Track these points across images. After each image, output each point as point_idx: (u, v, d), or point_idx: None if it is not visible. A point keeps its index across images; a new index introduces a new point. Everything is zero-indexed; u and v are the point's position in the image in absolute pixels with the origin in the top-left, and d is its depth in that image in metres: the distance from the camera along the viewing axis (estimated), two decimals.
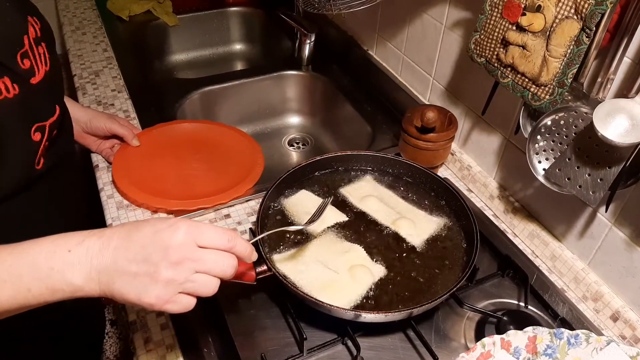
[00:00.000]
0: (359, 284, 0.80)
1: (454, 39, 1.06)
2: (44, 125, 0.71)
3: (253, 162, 1.09)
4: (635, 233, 0.80)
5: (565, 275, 0.92)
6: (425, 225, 0.92)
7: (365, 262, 0.84)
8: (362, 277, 0.81)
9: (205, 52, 1.73)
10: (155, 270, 0.55)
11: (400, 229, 0.90)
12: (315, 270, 0.81)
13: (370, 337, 0.81)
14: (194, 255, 0.57)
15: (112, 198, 1.01)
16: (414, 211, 0.95)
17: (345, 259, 0.84)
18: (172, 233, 0.56)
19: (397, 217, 0.93)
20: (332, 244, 0.86)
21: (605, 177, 0.75)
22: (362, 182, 1.00)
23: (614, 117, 0.69)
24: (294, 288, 0.75)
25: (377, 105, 1.31)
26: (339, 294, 0.78)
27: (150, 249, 0.56)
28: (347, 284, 0.80)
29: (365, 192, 0.97)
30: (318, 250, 0.85)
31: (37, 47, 0.72)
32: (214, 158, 1.11)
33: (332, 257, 0.84)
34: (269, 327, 0.82)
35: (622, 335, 0.84)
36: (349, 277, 0.81)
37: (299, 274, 0.80)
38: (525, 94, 0.83)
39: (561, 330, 0.67)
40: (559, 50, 0.76)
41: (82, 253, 0.56)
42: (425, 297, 0.79)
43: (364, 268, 0.82)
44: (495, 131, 1.02)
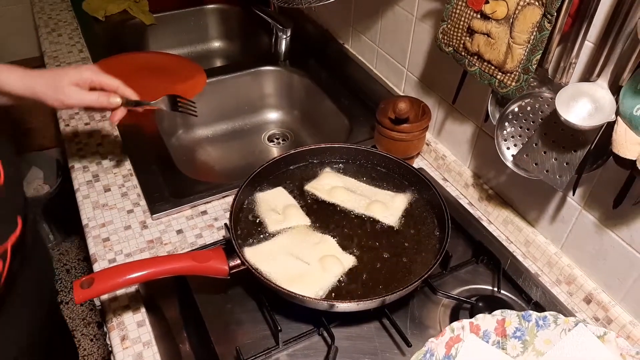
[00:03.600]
0: (329, 274, 0.81)
1: (425, 29, 1.06)
2: (5, 249, 0.67)
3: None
4: (604, 216, 0.81)
5: (539, 260, 0.93)
6: (397, 204, 0.93)
7: (336, 252, 0.84)
8: (331, 267, 0.81)
9: (183, 50, 1.73)
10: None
11: (375, 213, 0.92)
12: (287, 263, 0.81)
13: (346, 327, 0.82)
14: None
15: (88, 198, 1.01)
16: (383, 193, 0.96)
17: (316, 250, 0.84)
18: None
19: (368, 202, 0.93)
20: (304, 236, 0.87)
21: (571, 160, 0.76)
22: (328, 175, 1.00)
23: (576, 100, 0.70)
24: (267, 280, 0.75)
25: (354, 98, 1.31)
26: (309, 285, 0.78)
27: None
28: (317, 274, 0.80)
29: (332, 184, 0.97)
30: (290, 243, 0.85)
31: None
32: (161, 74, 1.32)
33: (303, 249, 0.84)
34: (245, 321, 0.82)
35: (595, 317, 0.85)
36: (320, 268, 0.81)
37: (270, 266, 0.80)
38: (492, 82, 0.84)
39: (529, 313, 0.67)
40: (522, 36, 0.76)
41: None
42: (398, 285, 0.80)
43: (334, 258, 0.82)
44: (467, 120, 1.02)
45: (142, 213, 0.99)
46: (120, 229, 0.96)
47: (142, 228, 0.96)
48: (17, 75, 0.85)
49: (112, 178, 1.06)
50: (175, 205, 0.99)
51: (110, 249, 0.92)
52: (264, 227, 0.88)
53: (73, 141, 1.15)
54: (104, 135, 1.16)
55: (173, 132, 1.35)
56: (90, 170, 1.07)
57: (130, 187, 1.04)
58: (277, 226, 0.87)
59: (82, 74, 0.88)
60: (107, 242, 0.94)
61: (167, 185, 1.03)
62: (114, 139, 1.16)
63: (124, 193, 1.03)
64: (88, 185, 1.04)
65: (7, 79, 0.84)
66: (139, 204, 1.01)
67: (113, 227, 0.96)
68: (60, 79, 0.86)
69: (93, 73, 0.89)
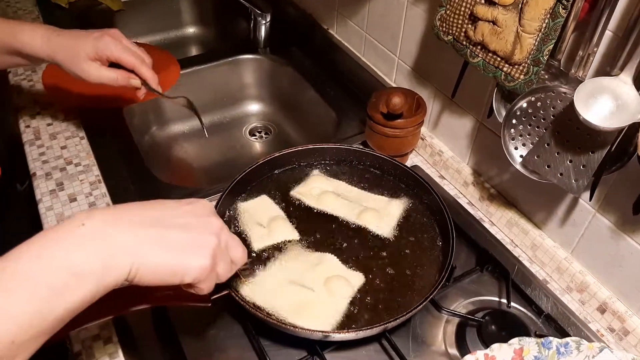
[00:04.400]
0: (338, 298, 0.73)
1: (418, 14, 0.97)
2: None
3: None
4: (621, 220, 0.74)
5: (547, 265, 0.86)
6: (391, 212, 0.86)
7: (340, 272, 0.76)
8: (339, 289, 0.73)
9: (155, 37, 1.61)
10: (202, 233, 0.52)
11: (367, 223, 0.84)
12: (288, 293, 0.73)
13: (343, 352, 0.74)
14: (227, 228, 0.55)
15: (52, 210, 0.91)
16: (376, 199, 0.88)
17: (318, 272, 0.76)
18: (202, 206, 0.55)
19: (360, 209, 0.85)
20: (300, 258, 0.78)
21: (589, 163, 0.69)
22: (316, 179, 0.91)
23: (596, 97, 0.62)
24: (255, 310, 0.67)
25: (341, 89, 1.22)
26: (319, 315, 0.70)
27: (188, 216, 0.52)
28: (324, 301, 0.72)
29: (321, 189, 0.89)
30: (287, 268, 0.76)
31: None
32: None
33: (303, 273, 0.76)
34: (230, 348, 0.74)
35: (610, 327, 0.79)
36: (326, 293, 0.73)
37: (271, 301, 0.71)
38: (497, 74, 0.75)
39: (549, 340, 0.60)
40: (533, 24, 0.68)
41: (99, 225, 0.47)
42: (400, 303, 0.73)
43: (340, 279, 0.74)
44: (466, 114, 0.94)
45: None
46: None
47: None
48: (40, 36, 0.80)
49: (79, 186, 0.96)
50: None
51: None
52: (248, 244, 0.79)
53: (34, 144, 1.04)
54: (67, 137, 1.06)
55: (146, 129, 1.25)
56: (54, 178, 0.97)
57: (98, 195, 0.94)
58: (263, 243, 0.79)
59: (101, 46, 0.81)
60: None
61: (139, 192, 0.94)
62: (80, 141, 1.05)
63: (92, 203, 0.93)
64: (52, 195, 0.94)
65: (30, 40, 0.80)
66: None
67: None
68: (79, 50, 0.80)
69: (114, 44, 0.82)
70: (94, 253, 0.46)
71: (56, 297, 0.44)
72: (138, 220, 0.49)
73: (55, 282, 0.43)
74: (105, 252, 0.46)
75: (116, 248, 0.47)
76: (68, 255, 0.45)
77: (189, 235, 0.51)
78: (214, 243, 0.52)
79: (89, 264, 0.45)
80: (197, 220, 0.52)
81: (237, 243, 0.57)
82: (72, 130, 1.07)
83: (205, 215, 0.54)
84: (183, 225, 0.51)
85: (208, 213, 0.54)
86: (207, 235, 0.52)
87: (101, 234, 0.47)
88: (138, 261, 0.48)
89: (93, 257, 0.45)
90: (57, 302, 0.44)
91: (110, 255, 0.46)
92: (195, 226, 0.52)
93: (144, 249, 0.48)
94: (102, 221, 0.48)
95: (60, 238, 0.46)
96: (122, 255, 0.47)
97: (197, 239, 0.51)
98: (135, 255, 0.47)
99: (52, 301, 0.43)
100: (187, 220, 0.52)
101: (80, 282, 0.45)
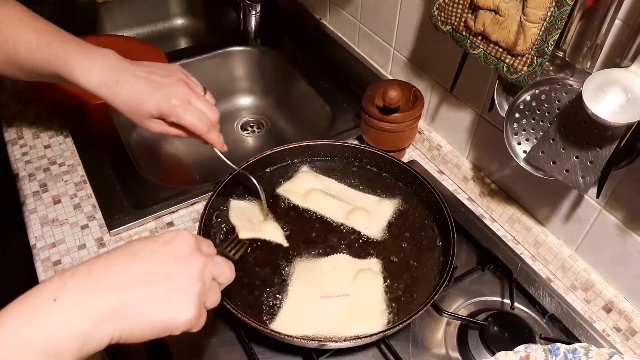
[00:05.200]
0: (374, 291, 0.72)
1: (414, 3, 0.93)
2: None
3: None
4: (628, 217, 0.71)
5: (551, 263, 0.83)
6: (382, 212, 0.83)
7: (359, 265, 0.75)
8: (370, 282, 0.72)
9: (142, 30, 1.56)
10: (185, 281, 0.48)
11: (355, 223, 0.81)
12: (327, 308, 0.70)
13: (340, 357, 0.71)
14: (209, 258, 0.52)
15: (36, 213, 0.88)
16: (367, 198, 0.85)
17: (339, 276, 0.73)
18: (181, 242, 0.51)
19: (350, 209, 0.83)
20: (313, 270, 0.74)
21: (596, 159, 0.65)
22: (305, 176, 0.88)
23: (605, 91, 0.59)
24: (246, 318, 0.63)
25: (335, 81, 1.18)
26: (368, 318, 0.69)
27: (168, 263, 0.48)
28: (364, 300, 0.71)
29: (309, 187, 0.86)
30: (307, 286, 0.72)
31: None
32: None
33: (326, 283, 0.73)
34: (222, 355, 0.71)
35: (616, 327, 0.76)
36: (362, 292, 0.71)
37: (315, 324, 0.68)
38: (499, 66, 0.72)
39: (557, 346, 0.57)
40: (537, 13, 0.64)
41: (74, 296, 0.43)
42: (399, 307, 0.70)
43: (365, 272, 0.73)
44: (466, 106, 0.91)
45: (99, 228, 0.86)
46: (74, 249, 0.83)
47: (98, 246, 0.83)
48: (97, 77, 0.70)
49: (63, 187, 0.92)
50: (137, 217, 0.86)
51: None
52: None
53: (17, 144, 1.00)
54: (51, 135, 1.01)
55: (133, 126, 1.20)
56: (37, 179, 0.93)
57: (83, 197, 0.90)
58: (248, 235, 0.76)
59: (166, 110, 0.70)
60: (59, 265, 0.80)
61: (127, 193, 0.90)
62: (64, 139, 1.01)
63: (77, 205, 0.89)
64: (35, 197, 0.90)
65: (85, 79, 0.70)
66: (95, 216, 0.87)
67: (65, 247, 0.83)
68: (141, 110, 0.71)
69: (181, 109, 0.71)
70: (72, 331, 0.42)
71: None
72: (117, 282, 0.45)
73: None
74: (84, 325, 0.43)
75: (96, 318, 0.43)
76: (45, 337, 0.41)
77: (172, 286, 0.47)
78: (198, 289, 0.49)
79: (67, 343, 0.42)
80: (178, 267, 0.49)
81: (222, 268, 0.54)
82: (55, 129, 1.03)
83: (186, 257, 0.50)
84: (164, 277, 0.47)
85: (189, 252, 0.50)
86: (190, 285, 0.49)
87: (78, 305, 0.43)
88: (121, 326, 0.44)
89: (71, 336, 0.42)
90: None
91: (91, 327, 0.43)
92: (177, 275, 0.48)
93: (127, 313, 0.45)
94: (77, 290, 0.44)
95: (33, 316, 0.42)
96: (103, 324, 0.44)
97: (181, 290, 0.48)
98: (118, 321, 0.44)
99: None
100: (168, 270, 0.48)
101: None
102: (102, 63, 0.71)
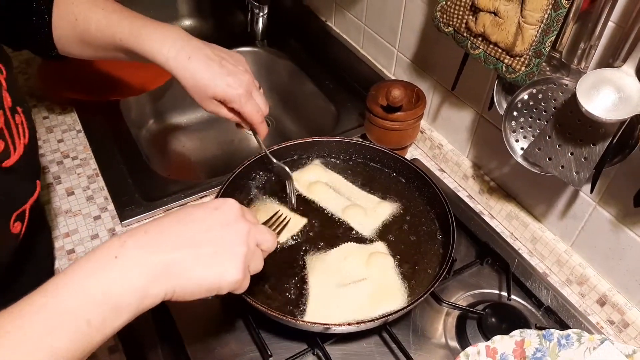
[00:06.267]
0: (389, 271, 0.76)
1: (417, 5, 0.96)
2: (24, 210, 0.60)
3: None
4: (622, 213, 0.74)
5: (547, 258, 0.86)
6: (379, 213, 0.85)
7: (368, 250, 0.78)
8: (383, 263, 0.76)
9: None
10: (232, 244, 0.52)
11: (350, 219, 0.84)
12: (348, 295, 0.72)
13: (343, 344, 0.74)
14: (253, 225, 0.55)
15: (49, 204, 0.91)
16: (368, 197, 0.88)
17: (353, 262, 0.76)
18: (228, 208, 0.54)
19: (347, 204, 0.86)
20: (326, 262, 0.77)
21: (590, 155, 0.68)
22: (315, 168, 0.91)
23: (598, 89, 0.62)
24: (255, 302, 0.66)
25: (339, 82, 1.22)
26: (389, 296, 0.73)
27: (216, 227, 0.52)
28: (382, 281, 0.74)
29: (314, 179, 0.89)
30: (325, 277, 0.75)
31: (14, 117, 0.59)
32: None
33: (342, 271, 0.75)
34: (231, 342, 0.74)
35: (610, 320, 0.79)
36: (377, 274, 0.75)
37: (340, 313, 0.70)
38: (498, 66, 0.75)
39: (550, 332, 0.60)
40: (535, 15, 0.67)
41: (134, 253, 0.47)
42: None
43: (375, 255, 0.77)
44: (466, 106, 0.94)
45: (111, 219, 0.89)
46: (87, 239, 0.86)
47: (110, 237, 0.86)
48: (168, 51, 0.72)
49: (76, 179, 0.95)
50: (147, 209, 0.89)
51: None
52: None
53: None
54: (64, 130, 1.05)
55: (143, 123, 1.24)
56: (51, 172, 0.96)
57: (96, 189, 0.94)
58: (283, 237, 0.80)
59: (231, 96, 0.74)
60: (73, 254, 0.84)
61: (137, 186, 0.93)
62: (77, 134, 1.04)
63: (90, 196, 0.92)
64: (49, 189, 0.93)
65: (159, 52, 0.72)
66: (107, 208, 0.90)
67: (78, 236, 0.86)
68: (207, 89, 0.73)
69: (245, 98, 0.75)
70: (131, 285, 0.46)
71: (96, 331, 0.44)
72: (170, 243, 0.49)
73: (95, 318, 0.44)
74: (142, 281, 0.46)
75: (152, 274, 0.47)
76: (106, 290, 0.45)
77: (220, 249, 0.51)
78: (244, 252, 0.52)
79: (127, 297, 0.46)
80: (225, 231, 0.52)
81: (265, 236, 0.57)
82: (68, 124, 1.06)
83: (232, 222, 0.54)
84: (213, 239, 0.51)
85: (235, 217, 0.54)
86: (236, 247, 0.52)
87: (136, 263, 0.47)
88: (174, 283, 0.48)
89: (130, 289, 0.46)
90: (97, 335, 0.45)
91: (148, 284, 0.47)
92: (225, 238, 0.52)
93: (179, 271, 0.48)
94: (135, 249, 0.47)
95: (96, 271, 0.46)
96: (158, 281, 0.47)
97: (228, 252, 0.51)
98: (171, 279, 0.48)
99: (92, 334, 0.44)
100: (216, 234, 0.52)
101: (119, 314, 0.45)
102: (175, 37, 0.73)
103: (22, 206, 0.61)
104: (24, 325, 0.42)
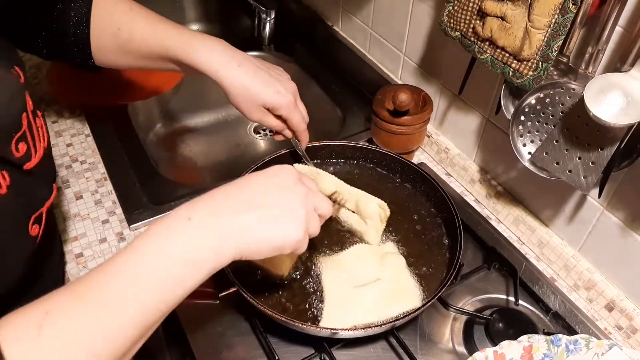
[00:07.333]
0: (402, 270, 0.76)
1: (424, 10, 0.97)
2: (41, 213, 0.62)
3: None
4: (630, 217, 0.73)
5: (555, 262, 0.86)
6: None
7: (381, 250, 0.79)
8: (396, 263, 0.77)
9: None
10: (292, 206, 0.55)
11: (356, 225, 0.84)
12: (364, 296, 0.73)
13: (350, 349, 0.74)
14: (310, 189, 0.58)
15: (58, 207, 0.91)
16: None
17: (367, 263, 0.77)
18: (286, 174, 0.57)
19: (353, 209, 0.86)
20: (339, 263, 0.77)
21: (598, 160, 0.68)
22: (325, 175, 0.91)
23: (606, 94, 0.62)
24: (261, 306, 0.67)
25: (346, 86, 1.22)
26: (403, 296, 0.73)
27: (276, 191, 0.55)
28: (397, 280, 0.75)
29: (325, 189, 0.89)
30: (340, 280, 0.75)
31: (35, 120, 0.60)
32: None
33: (357, 272, 0.76)
34: (237, 345, 0.74)
35: (618, 325, 0.78)
36: (391, 273, 0.75)
37: (356, 314, 0.71)
38: (505, 71, 0.75)
39: (558, 337, 0.60)
40: (542, 20, 0.67)
41: (203, 216, 0.51)
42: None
43: (388, 255, 0.77)
44: (473, 110, 0.94)
45: (119, 223, 0.89)
46: (95, 243, 0.86)
47: (119, 240, 0.87)
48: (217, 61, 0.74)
49: (84, 183, 0.96)
50: (155, 213, 0.89)
51: (84, 266, 0.83)
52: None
53: None
54: (73, 134, 1.05)
55: (151, 126, 1.25)
56: (60, 175, 0.97)
57: (104, 193, 0.94)
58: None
59: (278, 103, 0.77)
60: (81, 258, 0.84)
61: (145, 190, 0.94)
62: (85, 138, 1.05)
63: (98, 200, 0.93)
64: (58, 193, 0.94)
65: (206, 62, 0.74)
66: (115, 212, 0.91)
67: (87, 240, 0.87)
68: (256, 98, 0.76)
69: (291, 105, 0.79)
70: (205, 243, 0.50)
71: (178, 286, 0.49)
72: (235, 207, 0.53)
73: (176, 274, 0.48)
74: (214, 240, 0.50)
75: (223, 235, 0.51)
76: (183, 249, 0.49)
77: (281, 211, 0.54)
78: (303, 213, 0.55)
79: (203, 253, 0.50)
80: (284, 194, 0.56)
81: (322, 201, 0.60)
82: (77, 128, 1.07)
83: (291, 185, 0.57)
84: (274, 203, 0.54)
85: (293, 181, 0.57)
86: (296, 209, 0.55)
87: (207, 224, 0.50)
88: (242, 242, 0.52)
89: (205, 247, 0.50)
90: (178, 289, 0.49)
91: (219, 242, 0.51)
92: (285, 201, 0.55)
93: (246, 231, 0.52)
94: (205, 212, 0.51)
95: (171, 233, 0.49)
96: (228, 240, 0.51)
97: (289, 214, 0.55)
98: (239, 239, 0.52)
99: (175, 289, 0.48)
100: (276, 197, 0.55)
101: (197, 270, 0.49)
102: (223, 48, 0.76)
103: (40, 208, 0.62)
104: (110, 282, 0.46)
